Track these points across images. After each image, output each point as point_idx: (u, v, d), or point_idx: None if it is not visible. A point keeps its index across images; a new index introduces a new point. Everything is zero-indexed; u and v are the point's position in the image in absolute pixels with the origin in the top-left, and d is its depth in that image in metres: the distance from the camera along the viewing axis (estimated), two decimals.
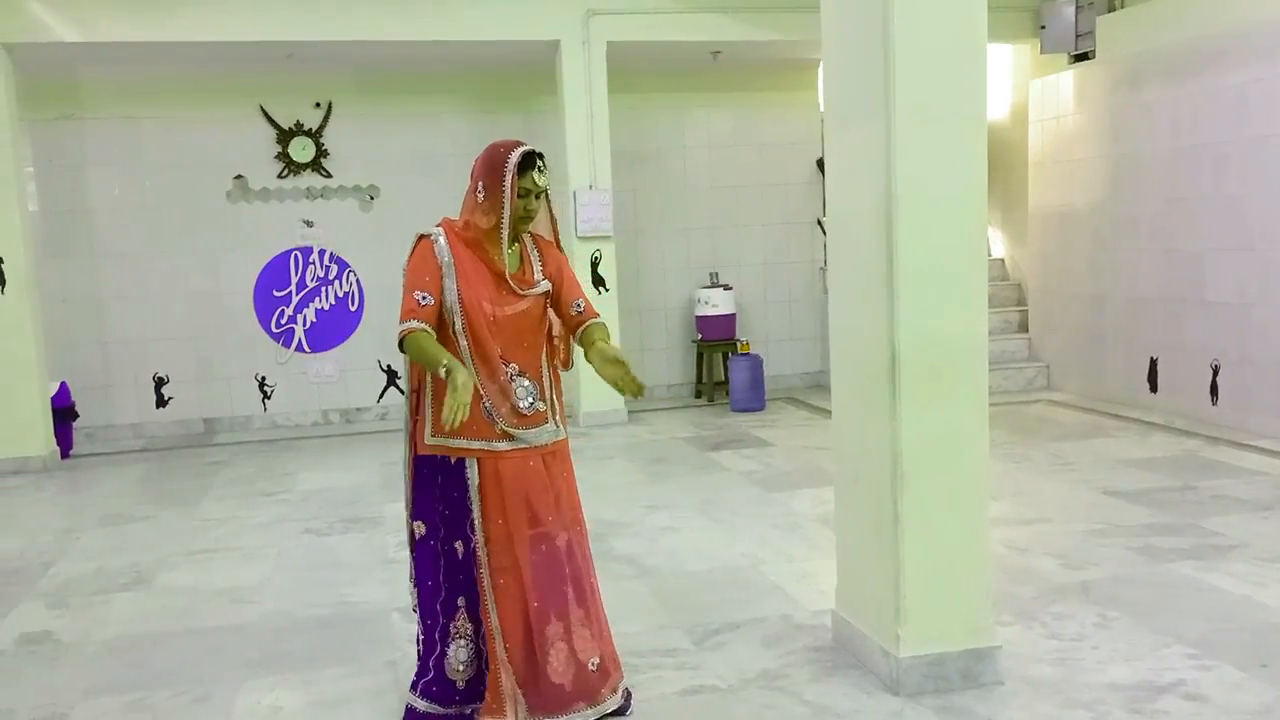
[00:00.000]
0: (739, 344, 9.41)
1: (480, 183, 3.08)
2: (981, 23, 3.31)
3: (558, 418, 3.25)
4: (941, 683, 3.46)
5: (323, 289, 9.21)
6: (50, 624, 4.54)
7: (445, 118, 9.20)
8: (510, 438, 3.10)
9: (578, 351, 3.40)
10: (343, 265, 9.21)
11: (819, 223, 10.02)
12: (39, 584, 5.08)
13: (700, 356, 9.72)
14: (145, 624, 4.49)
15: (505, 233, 3.07)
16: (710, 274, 9.70)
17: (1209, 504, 5.57)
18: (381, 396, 9.32)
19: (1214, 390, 7.44)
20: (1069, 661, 3.68)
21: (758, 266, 10.06)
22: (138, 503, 6.70)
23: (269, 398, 9.19)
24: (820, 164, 9.94)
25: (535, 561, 3.10)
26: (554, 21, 8.18)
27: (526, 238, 3.25)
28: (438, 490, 3.13)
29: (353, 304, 9.26)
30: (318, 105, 9.03)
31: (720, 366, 9.61)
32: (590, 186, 8.42)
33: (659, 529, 5.58)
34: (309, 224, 9.13)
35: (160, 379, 9.00)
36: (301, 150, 9.01)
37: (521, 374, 3.13)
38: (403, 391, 3.30)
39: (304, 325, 9.19)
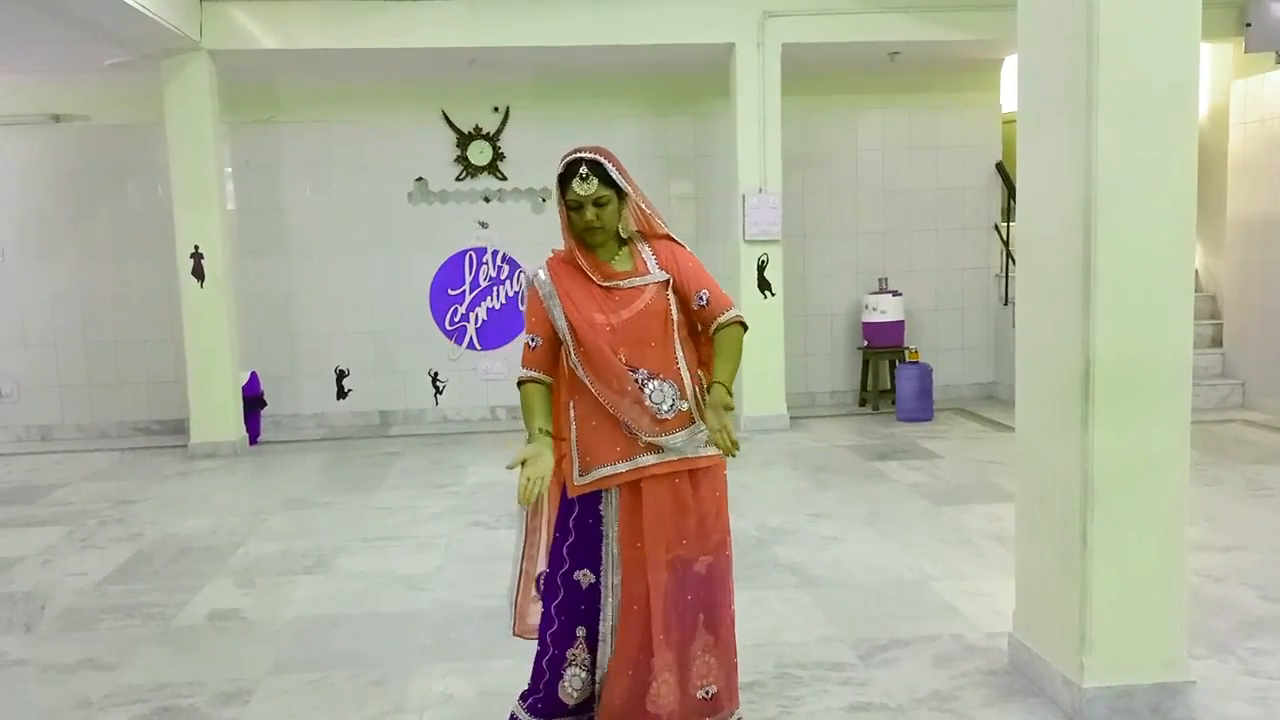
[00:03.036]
0: (907, 352, 9.17)
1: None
2: (1195, 16, 3.12)
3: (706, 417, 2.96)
4: (1129, 716, 3.27)
5: (494, 288, 9.45)
6: (239, 602, 4.79)
7: (618, 121, 9.30)
8: (658, 450, 2.90)
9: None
10: (514, 266, 9.42)
11: (996, 228, 9.68)
12: (229, 562, 5.38)
13: (866, 364, 9.52)
14: (326, 606, 4.68)
15: (569, 242, 2.95)
16: (879, 279, 9.49)
17: None
18: None
19: None
20: (1270, 701, 3.43)
21: (929, 273, 9.78)
22: (319, 489, 7.01)
23: (441, 393, 9.49)
24: (1000, 167, 9.60)
25: (668, 588, 2.91)
26: (729, 24, 8.16)
27: (637, 240, 3.03)
28: (571, 522, 2.97)
29: (522, 304, 9.43)
30: (496, 110, 9.26)
31: (887, 374, 9.40)
32: (760, 190, 8.36)
33: (823, 538, 5.48)
34: (484, 225, 9.38)
35: (341, 372, 9.40)
36: (479, 154, 9.27)
37: (653, 376, 2.89)
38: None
39: (475, 324, 9.45)
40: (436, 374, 9.48)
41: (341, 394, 9.42)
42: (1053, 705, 3.42)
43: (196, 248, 8.07)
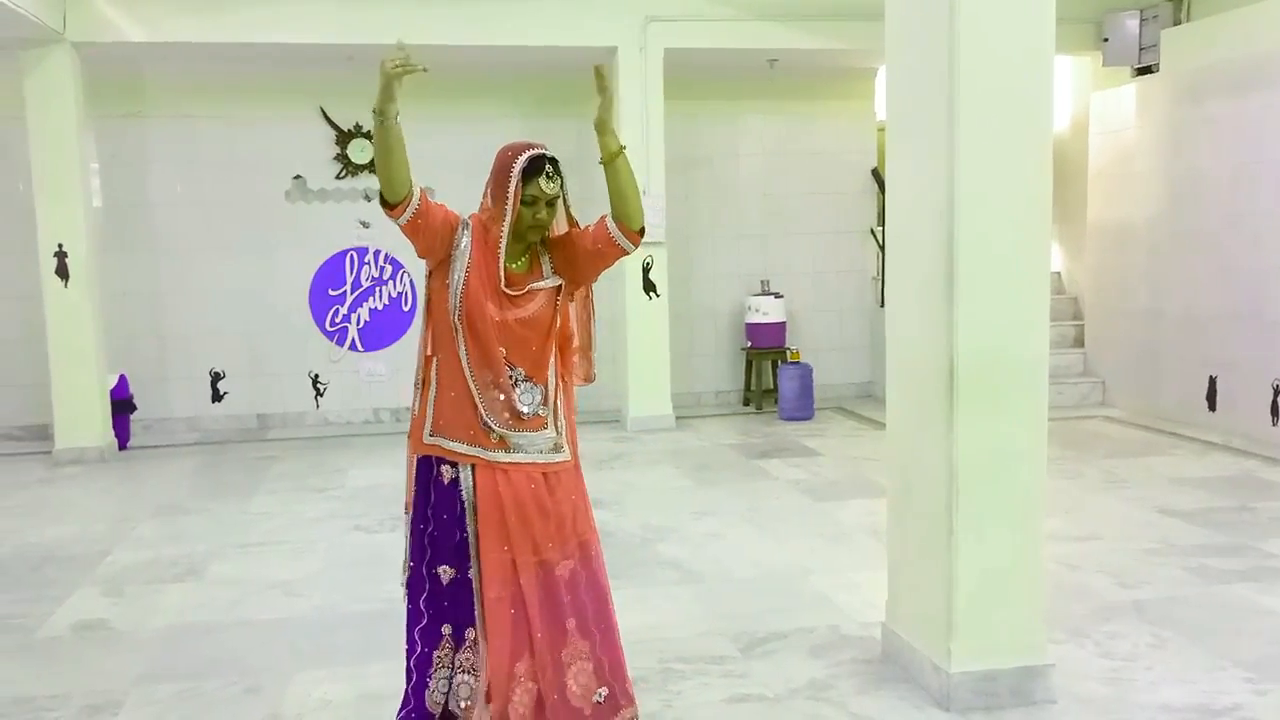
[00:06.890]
0: (788, 352, 9.38)
1: (489, 190, 2.93)
2: (1049, 33, 3.28)
3: (559, 425, 2.99)
4: (992, 699, 3.41)
5: (377, 289, 9.32)
6: (105, 612, 4.62)
7: (501, 121, 9.21)
8: (507, 447, 2.90)
9: (600, 313, 3.29)
10: (397, 266, 9.30)
11: (872, 232, 9.96)
12: (95, 572, 5.18)
13: (749, 364, 9.69)
14: (197, 614, 4.56)
15: (505, 242, 2.89)
16: (761, 281, 9.67)
17: (1267, 525, 5.46)
18: None
19: (1274, 410, 7.28)
20: (1122, 681, 3.63)
21: (809, 275, 10.01)
22: (192, 495, 6.81)
23: (321, 395, 9.31)
24: (875, 173, 9.88)
25: (538, 592, 2.89)
26: (612, 28, 8.21)
27: (539, 246, 3.03)
28: (429, 510, 2.97)
29: (405, 305, 9.36)
30: None
31: (769, 374, 9.58)
32: (644, 192, 8.42)
33: (705, 535, 5.56)
34: (365, 225, 9.23)
35: (216, 374, 9.14)
36: (360, 152, 9.11)
37: (527, 379, 2.92)
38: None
39: (357, 325, 9.30)
40: (317, 376, 9.29)
41: (216, 397, 9.16)
42: (922, 691, 3.55)
43: (60, 246, 7.75)
